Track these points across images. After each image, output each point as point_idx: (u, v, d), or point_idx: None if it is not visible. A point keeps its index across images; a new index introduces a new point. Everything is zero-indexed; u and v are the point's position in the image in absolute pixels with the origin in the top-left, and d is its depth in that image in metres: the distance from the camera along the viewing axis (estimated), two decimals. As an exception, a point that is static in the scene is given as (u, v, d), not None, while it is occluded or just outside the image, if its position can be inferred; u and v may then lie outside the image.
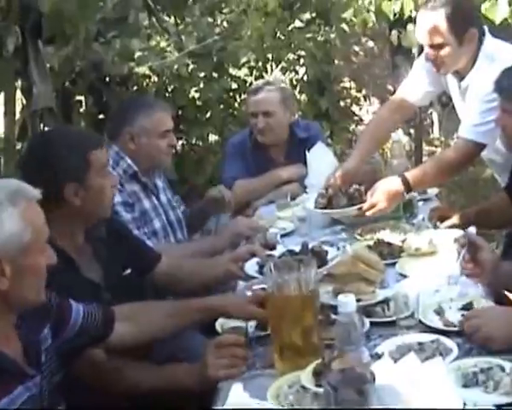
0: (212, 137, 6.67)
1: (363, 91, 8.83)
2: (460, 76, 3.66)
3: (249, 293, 2.69)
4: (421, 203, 3.80)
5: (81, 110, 5.91)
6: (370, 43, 9.08)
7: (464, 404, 1.93)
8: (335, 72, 7.61)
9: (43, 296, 2.13)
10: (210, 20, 6.73)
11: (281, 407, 2.08)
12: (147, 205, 3.66)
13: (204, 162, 6.21)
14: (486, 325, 2.32)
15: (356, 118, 8.28)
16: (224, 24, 6.83)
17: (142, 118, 3.65)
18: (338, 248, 3.21)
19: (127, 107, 3.87)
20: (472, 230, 2.82)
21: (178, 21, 6.38)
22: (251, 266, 3.05)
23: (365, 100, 8.95)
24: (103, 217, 2.81)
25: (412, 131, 8.45)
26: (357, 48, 9.02)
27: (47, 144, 2.76)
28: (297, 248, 3.07)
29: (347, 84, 8.80)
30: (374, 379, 1.80)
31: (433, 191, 4.05)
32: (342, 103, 7.94)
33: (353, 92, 8.77)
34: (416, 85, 3.90)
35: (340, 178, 3.68)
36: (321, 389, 1.93)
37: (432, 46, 3.53)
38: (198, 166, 6.21)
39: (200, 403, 2.49)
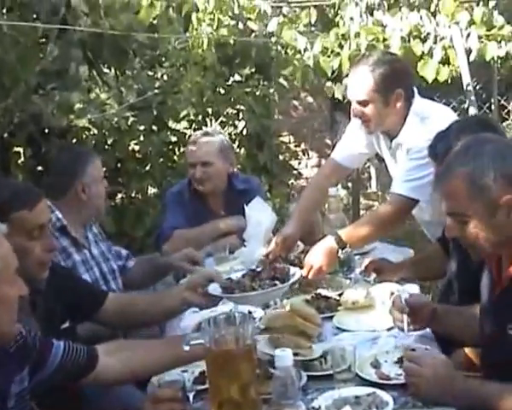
0: (152, 190, 6.66)
1: (302, 146, 8.94)
2: (390, 136, 3.76)
3: (187, 348, 2.68)
4: (357, 257, 3.84)
5: (19, 162, 5.86)
6: (310, 99, 9.20)
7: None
8: (275, 126, 7.69)
9: (16, 329, 2.13)
10: (150, 73, 6.77)
11: None
12: (77, 258, 3.66)
13: (143, 215, 6.18)
14: (419, 376, 2.37)
15: (295, 172, 8.36)
16: (165, 78, 6.86)
17: (89, 167, 3.75)
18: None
19: (74, 159, 3.88)
20: (407, 294, 2.87)
21: (119, 74, 6.38)
22: (214, 288, 3.04)
23: (304, 154, 9.06)
24: (34, 279, 2.76)
25: (350, 184, 8.57)
26: (296, 102, 9.13)
27: None
28: (258, 269, 3.18)
29: (286, 139, 8.89)
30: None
31: (369, 246, 4.10)
32: (281, 157, 8.01)
33: (292, 146, 8.87)
34: (349, 148, 4.02)
35: (280, 246, 3.71)
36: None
37: (358, 102, 3.65)
38: (137, 219, 6.17)
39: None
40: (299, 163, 8.90)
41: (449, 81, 6.72)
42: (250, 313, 3.07)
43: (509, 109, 8.50)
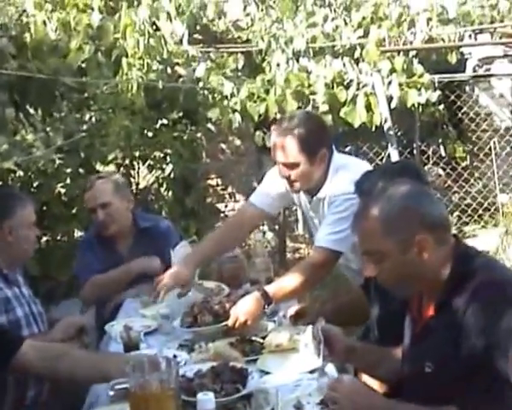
0: (78, 234, 6.61)
1: (229, 189, 8.99)
2: (311, 193, 3.84)
3: (111, 393, 2.69)
4: (281, 300, 3.89)
5: None
6: (237, 142, 9.27)
7: None
8: (202, 169, 7.73)
9: None
10: (78, 116, 6.75)
11: None
12: (9, 294, 3.65)
13: (69, 259, 6.12)
14: (338, 400, 2.43)
15: (222, 215, 8.39)
16: (93, 120, 6.85)
17: (19, 210, 3.73)
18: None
19: (4, 201, 3.87)
20: (321, 323, 2.93)
21: (46, 117, 6.36)
22: None
23: (231, 197, 9.10)
24: None
25: (277, 227, 8.64)
26: (224, 146, 9.19)
27: None
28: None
29: (214, 182, 8.93)
30: None
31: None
32: (209, 201, 8.04)
33: (219, 190, 8.91)
34: (268, 195, 4.03)
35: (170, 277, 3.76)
36: None
37: (285, 164, 3.68)
38: (63, 263, 6.13)
39: None
40: (226, 206, 8.95)
41: (372, 127, 6.90)
42: (175, 356, 3.10)
43: (429, 154, 8.72)
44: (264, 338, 3.37)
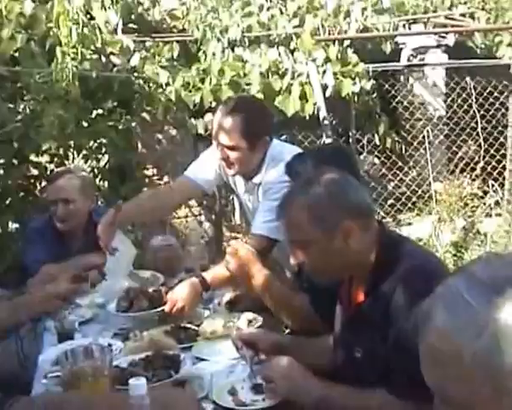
0: (13, 225, 6.52)
1: (165, 178, 8.97)
2: (247, 177, 3.87)
3: (45, 381, 2.69)
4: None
5: None
6: (173, 132, 9.25)
7: None
8: (138, 159, 7.69)
9: None
10: (11, 106, 6.65)
11: None
12: None
13: (4, 251, 6.05)
14: (274, 379, 2.48)
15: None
16: (26, 110, 6.76)
17: None
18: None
19: None
20: (236, 334, 2.98)
21: (-22, 107, 6.27)
22: None
23: (166, 187, 9.07)
24: None
25: (213, 216, 8.65)
26: (159, 136, 9.16)
27: None
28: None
29: (150, 172, 8.90)
30: None
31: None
32: (145, 190, 7.99)
33: (156, 179, 8.87)
34: (201, 172, 4.07)
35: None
36: None
37: (225, 146, 3.70)
38: (-3, 254, 6.06)
39: None
40: (162, 195, 8.92)
41: (307, 116, 6.96)
42: (110, 345, 3.11)
43: (364, 143, 8.82)
44: (198, 326, 3.40)
